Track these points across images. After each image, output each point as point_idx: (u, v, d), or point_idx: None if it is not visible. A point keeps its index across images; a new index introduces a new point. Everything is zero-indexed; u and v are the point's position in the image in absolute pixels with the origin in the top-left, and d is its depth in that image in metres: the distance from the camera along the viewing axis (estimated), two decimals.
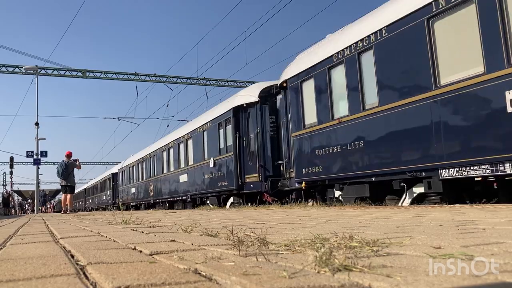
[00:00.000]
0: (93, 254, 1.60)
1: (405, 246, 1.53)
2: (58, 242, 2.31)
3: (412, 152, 5.98)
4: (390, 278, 0.98)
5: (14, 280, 1.13)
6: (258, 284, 0.96)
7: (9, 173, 37.54)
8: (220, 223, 3.67)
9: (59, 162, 13.20)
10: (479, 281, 0.94)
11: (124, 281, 1.05)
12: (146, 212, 10.37)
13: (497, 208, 3.95)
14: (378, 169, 6.59)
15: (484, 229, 2.07)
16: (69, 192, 13.05)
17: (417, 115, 5.85)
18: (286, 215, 4.78)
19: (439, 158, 5.54)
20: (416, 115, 5.87)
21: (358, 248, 1.47)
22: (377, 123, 6.58)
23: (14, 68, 21.74)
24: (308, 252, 1.43)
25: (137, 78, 24.15)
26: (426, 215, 3.51)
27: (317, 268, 1.12)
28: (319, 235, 1.83)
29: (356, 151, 7.03)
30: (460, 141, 5.30)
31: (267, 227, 2.85)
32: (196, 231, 2.58)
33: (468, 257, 1.19)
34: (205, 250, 1.64)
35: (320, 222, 3.17)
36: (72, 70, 23.05)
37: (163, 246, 1.79)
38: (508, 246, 1.44)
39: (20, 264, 1.43)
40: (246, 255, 1.45)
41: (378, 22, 6.64)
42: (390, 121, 6.34)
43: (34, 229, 3.80)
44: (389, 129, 6.40)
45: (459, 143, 5.31)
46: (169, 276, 1.11)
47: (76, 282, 1.08)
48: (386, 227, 2.46)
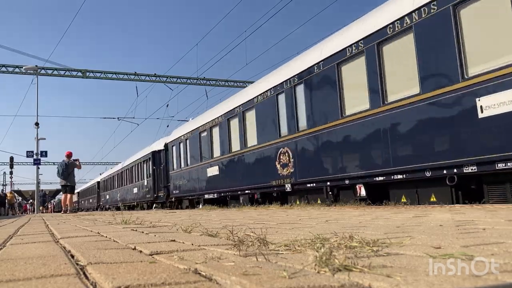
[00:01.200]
0: (93, 254, 1.60)
1: (405, 246, 1.53)
2: (58, 242, 2.31)
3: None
4: (390, 278, 0.98)
5: (14, 280, 1.13)
6: (258, 284, 0.96)
7: (9, 173, 37.61)
8: (220, 223, 3.67)
9: (59, 162, 13.21)
10: (479, 281, 0.94)
11: (124, 281, 1.05)
12: (147, 212, 10.38)
13: (497, 208, 3.95)
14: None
15: (484, 229, 2.07)
16: (69, 192, 13.06)
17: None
18: (286, 215, 4.78)
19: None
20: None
21: (358, 248, 1.47)
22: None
23: (14, 68, 21.74)
24: (308, 252, 1.43)
25: (137, 78, 24.14)
26: (426, 215, 3.51)
27: (317, 268, 1.12)
28: (319, 235, 1.83)
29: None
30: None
31: (267, 227, 2.85)
32: (196, 231, 2.58)
33: (468, 257, 1.19)
34: (205, 250, 1.64)
35: (320, 222, 3.17)
36: (72, 70, 23.05)
37: (163, 246, 1.79)
38: (508, 246, 1.44)
39: (20, 264, 1.43)
40: (246, 255, 1.45)
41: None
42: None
43: (34, 229, 3.80)
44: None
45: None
46: (169, 276, 1.11)
47: (76, 282, 1.08)
48: (386, 227, 2.46)
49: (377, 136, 6.72)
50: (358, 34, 7.09)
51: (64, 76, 23.06)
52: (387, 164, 6.52)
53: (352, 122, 7.21)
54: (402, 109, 6.21)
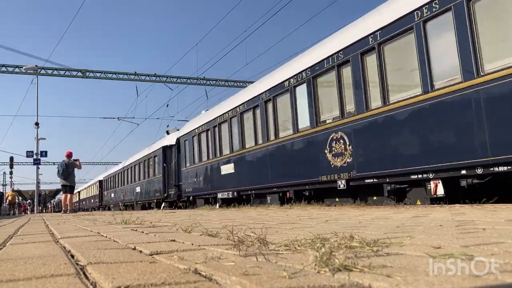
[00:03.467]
0: (93, 254, 1.60)
1: (405, 246, 1.53)
2: (58, 242, 2.31)
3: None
4: (390, 278, 0.98)
5: (14, 280, 1.13)
6: (258, 284, 0.96)
7: (9, 173, 37.60)
8: (220, 223, 3.67)
9: (59, 162, 13.22)
10: (479, 281, 0.94)
11: (124, 281, 1.05)
12: (147, 212, 10.37)
13: (497, 208, 3.95)
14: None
15: (484, 229, 2.07)
16: (69, 192, 13.07)
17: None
18: (286, 215, 4.78)
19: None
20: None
21: (358, 248, 1.47)
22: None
23: (14, 68, 21.74)
24: (308, 252, 1.43)
25: (137, 78, 24.15)
26: (426, 215, 3.51)
27: (317, 268, 1.12)
28: (319, 235, 1.83)
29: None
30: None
31: (267, 227, 2.85)
32: (196, 231, 2.58)
33: (468, 257, 1.19)
34: (205, 250, 1.64)
35: (320, 222, 3.17)
36: (72, 70, 23.06)
37: (163, 246, 1.79)
38: (508, 246, 1.44)
39: (20, 264, 1.43)
40: (246, 255, 1.45)
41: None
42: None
43: (34, 229, 3.80)
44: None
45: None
46: (169, 276, 1.10)
47: (76, 282, 1.08)
48: (386, 227, 2.46)
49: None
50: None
51: (64, 76, 23.09)
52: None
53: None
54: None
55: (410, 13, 6.03)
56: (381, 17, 6.66)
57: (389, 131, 6.42)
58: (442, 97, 5.57)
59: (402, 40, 6.25)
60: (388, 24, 6.43)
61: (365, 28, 6.93)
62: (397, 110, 6.25)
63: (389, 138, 6.41)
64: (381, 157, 6.55)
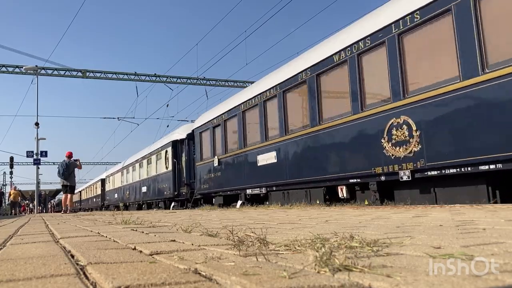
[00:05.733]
0: (93, 254, 1.60)
1: (405, 246, 1.53)
2: (58, 242, 2.31)
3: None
4: (390, 278, 0.98)
5: (14, 280, 1.13)
6: (258, 284, 0.96)
7: (9, 173, 37.62)
8: (220, 223, 3.67)
9: (59, 162, 13.24)
10: (479, 281, 0.94)
11: (124, 281, 1.05)
12: (147, 212, 10.37)
13: (497, 208, 3.95)
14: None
15: (484, 229, 2.07)
16: (69, 192, 13.08)
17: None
18: (286, 215, 4.78)
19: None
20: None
21: (358, 248, 1.47)
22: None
23: (14, 68, 21.74)
24: (308, 252, 1.43)
25: (137, 78, 24.15)
26: (426, 215, 3.50)
27: (317, 268, 1.12)
28: (319, 235, 1.83)
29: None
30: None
31: (267, 227, 2.85)
32: (196, 231, 2.58)
33: (468, 257, 1.19)
34: (205, 250, 1.64)
35: (320, 222, 3.17)
36: (72, 70, 23.05)
37: (163, 246, 1.79)
38: (508, 246, 1.44)
39: (20, 264, 1.43)
40: (246, 255, 1.45)
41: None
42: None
43: (34, 229, 3.80)
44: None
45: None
46: (169, 276, 1.11)
47: (76, 282, 1.08)
48: (386, 227, 2.46)
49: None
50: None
51: (64, 76, 23.08)
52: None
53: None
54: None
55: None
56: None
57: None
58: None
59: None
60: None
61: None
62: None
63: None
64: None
